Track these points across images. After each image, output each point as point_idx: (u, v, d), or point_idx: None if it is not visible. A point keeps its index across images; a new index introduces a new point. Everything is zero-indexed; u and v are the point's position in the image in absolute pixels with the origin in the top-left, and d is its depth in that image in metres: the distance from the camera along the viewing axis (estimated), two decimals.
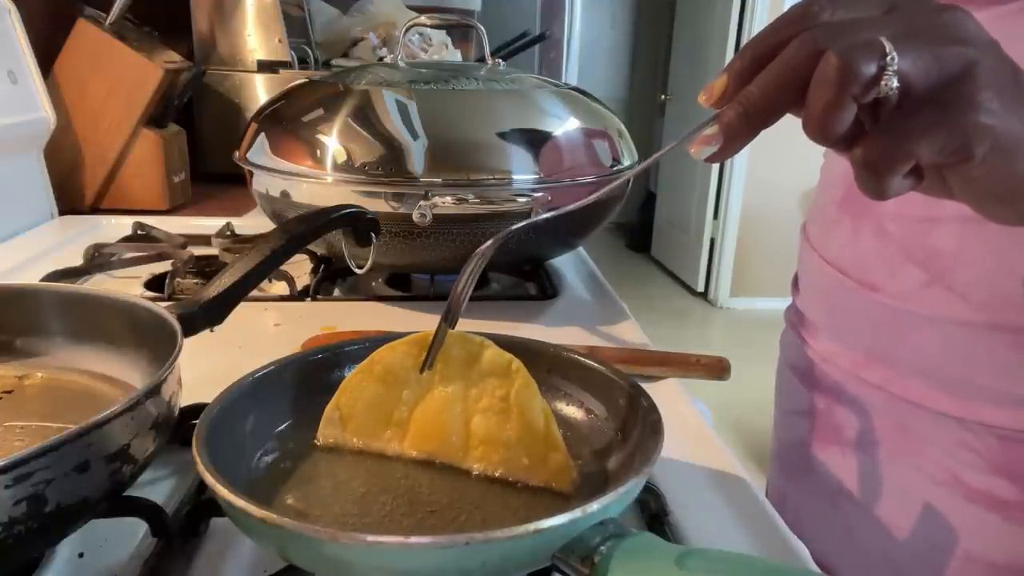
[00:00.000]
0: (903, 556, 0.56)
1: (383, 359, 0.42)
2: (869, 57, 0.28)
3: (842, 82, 0.28)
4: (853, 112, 0.29)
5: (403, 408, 0.43)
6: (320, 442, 0.43)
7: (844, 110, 0.29)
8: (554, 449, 0.40)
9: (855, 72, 0.28)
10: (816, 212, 0.64)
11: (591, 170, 0.73)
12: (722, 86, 0.33)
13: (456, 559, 0.30)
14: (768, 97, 0.31)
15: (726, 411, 2.44)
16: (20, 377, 0.49)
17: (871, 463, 0.57)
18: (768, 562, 0.33)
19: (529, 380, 0.40)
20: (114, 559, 0.39)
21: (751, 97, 0.31)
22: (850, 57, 0.28)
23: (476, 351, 0.42)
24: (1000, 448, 0.50)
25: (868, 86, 0.29)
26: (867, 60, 0.28)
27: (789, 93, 0.31)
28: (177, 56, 1.20)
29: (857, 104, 0.29)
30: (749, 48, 0.32)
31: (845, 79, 0.28)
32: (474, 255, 0.41)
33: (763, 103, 0.31)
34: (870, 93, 0.29)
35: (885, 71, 0.28)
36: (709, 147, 0.32)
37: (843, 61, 0.28)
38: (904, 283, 0.52)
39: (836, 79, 0.28)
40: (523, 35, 1.68)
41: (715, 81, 0.33)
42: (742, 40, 3.48)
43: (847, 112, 0.29)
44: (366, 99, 0.71)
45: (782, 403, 0.70)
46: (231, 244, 0.88)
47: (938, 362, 0.52)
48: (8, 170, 0.98)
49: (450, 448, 0.41)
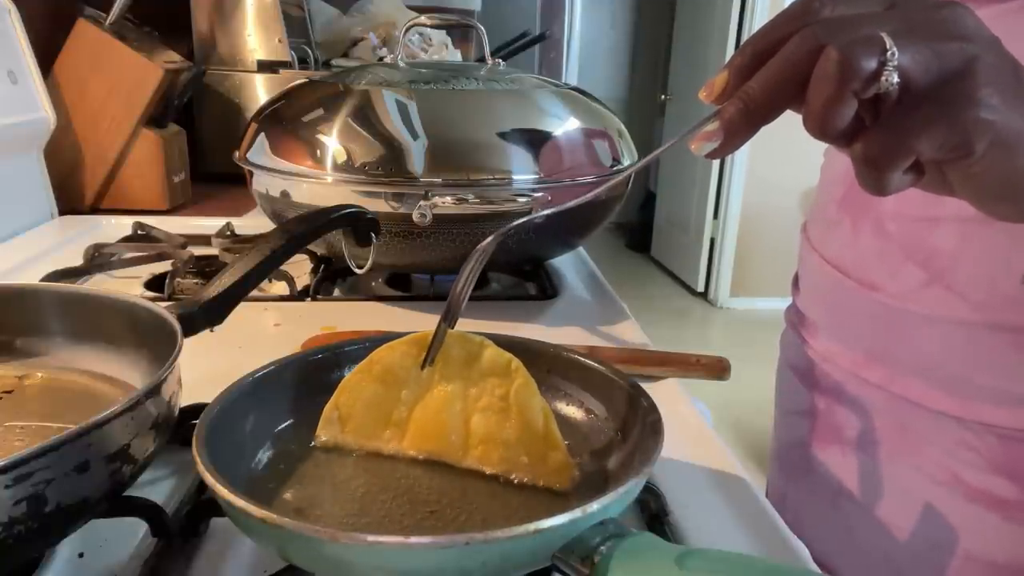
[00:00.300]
0: (903, 556, 0.56)
1: (382, 359, 0.42)
2: (869, 52, 0.28)
3: (842, 77, 0.28)
4: (854, 107, 0.29)
5: (402, 408, 0.43)
6: (319, 442, 0.43)
7: (844, 105, 0.29)
8: (554, 448, 0.40)
9: (855, 67, 0.28)
10: (816, 212, 0.64)
11: (591, 170, 0.73)
12: (723, 82, 0.33)
13: (456, 559, 0.30)
14: (768, 93, 0.31)
15: (726, 411, 2.44)
16: (20, 377, 0.49)
17: (871, 463, 0.57)
18: (768, 562, 0.33)
19: (528, 379, 0.40)
20: (114, 559, 0.39)
21: (751, 93, 0.31)
22: (851, 52, 0.28)
23: (476, 351, 0.42)
24: (1000, 447, 0.50)
25: (868, 81, 0.29)
26: (867, 55, 0.28)
27: (789, 89, 0.31)
28: (177, 56, 1.20)
29: (857, 100, 0.29)
30: (749, 44, 0.32)
31: (846, 74, 0.28)
32: (474, 252, 0.41)
33: (763, 99, 0.31)
34: (870, 88, 0.29)
35: (885, 66, 0.28)
36: (710, 143, 0.32)
37: (843, 56, 0.28)
38: (904, 283, 0.52)
39: (836, 74, 0.28)
40: (523, 35, 1.68)
41: (716, 77, 0.33)
42: (742, 40, 3.47)
43: (847, 107, 0.29)
44: (366, 99, 0.71)
45: (782, 403, 0.70)
46: (231, 244, 0.88)
47: (938, 361, 0.52)
48: (8, 170, 0.98)
49: (449, 447, 0.41)
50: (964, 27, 0.30)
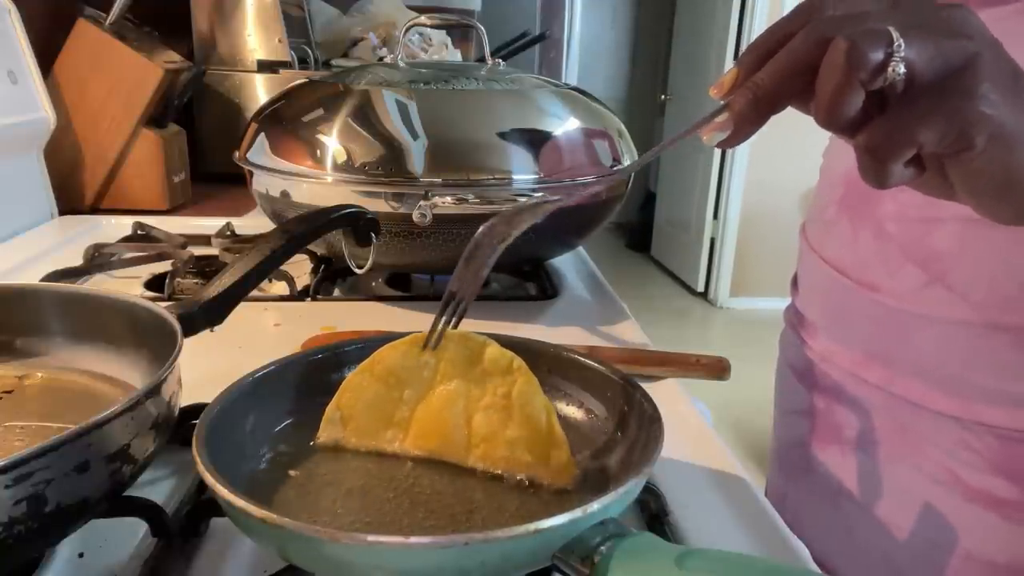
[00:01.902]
0: (903, 555, 0.56)
1: (384, 359, 0.42)
2: (877, 43, 0.29)
3: (851, 66, 0.29)
4: (861, 97, 0.30)
5: (404, 408, 0.43)
6: (320, 442, 0.43)
7: (852, 94, 0.30)
8: (557, 446, 0.40)
9: (863, 57, 0.29)
10: (815, 212, 0.64)
11: (591, 170, 0.73)
12: (732, 78, 0.34)
13: (456, 559, 0.30)
14: (777, 82, 0.32)
15: (726, 411, 2.44)
16: (20, 377, 0.49)
17: (871, 463, 0.57)
18: (768, 562, 0.33)
19: (531, 377, 0.41)
20: (114, 559, 0.39)
21: (760, 83, 0.32)
22: (859, 42, 0.29)
23: (478, 350, 0.42)
24: (999, 448, 0.50)
25: (876, 71, 0.29)
26: (875, 46, 0.29)
27: (797, 80, 0.32)
28: (177, 56, 1.20)
29: (864, 90, 0.30)
30: (757, 42, 0.34)
31: (854, 63, 0.29)
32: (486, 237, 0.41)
33: (772, 88, 0.32)
34: (877, 79, 0.30)
35: (892, 57, 0.29)
36: (720, 133, 0.33)
37: (852, 45, 0.29)
38: (903, 283, 0.52)
39: (845, 64, 0.29)
40: (523, 35, 1.68)
41: (725, 75, 0.34)
42: (742, 40, 3.47)
43: (855, 96, 0.30)
44: (366, 99, 0.71)
45: (782, 403, 0.70)
46: (231, 244, 0.88)
47: (937, 362, 0.52)
48: (8, 170, 0.98)
49: (452, 447, 0.42)
50: (968, 26, 0.31)
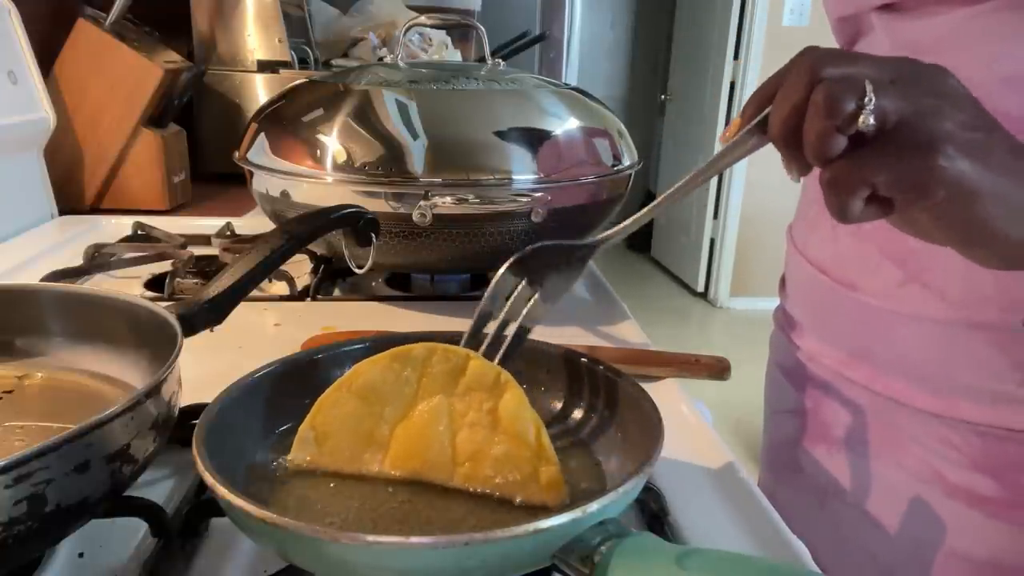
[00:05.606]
0: (889, 553, 0.56)
1: (362, 374, 0.40)
2: (850, 95, 0.32)
3: (828, 115, 0.32)
4: (843, 141, 0.33)
5: (384, 426, 0.40)
6: (292, 465, 0.40)
7: (832, 138, 0.33)
8: (547, 462, 0.38)
9: (836, 105, 0.32)
10: (799, 213, 0.65)
11: (591, 170, 0.73)
12: (736, 125, 0.38)
13: (456, 559, 0.30)
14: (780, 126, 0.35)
15: (726, 411, 2.44)
16: (20, 377, 0.49)
17: (857, 461, 0.58)
18: (768, 562, 0.33)
19: (518, 391, 0.39)
20: (114, 559, 0.39)
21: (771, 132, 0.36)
22: (834, 93, 0.32)
23: (461, 364, 0.40)
24: (981, 445, 0.50)
25: (848, 120, 0.32)
26: (848, 97, 0.32)
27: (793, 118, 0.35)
28: (177, 56, 1.20)
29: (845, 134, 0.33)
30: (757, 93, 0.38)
31: (828, 112, 0.32)
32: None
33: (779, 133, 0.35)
34: (851, 127, 0.33)
35: (863, 109, 0.32)
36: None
37: (827, 95, 0.32)
38: (882, 282, 0.53)
39: (823, 112, 0.33)
40: (523, 35, 1.68)
41: (731, 125, 0.39)
42: (742, 40, 3.47)
43: (835, 140, 0.33)
44: (366, 99, 0.71)
45: (772, 402, 0.70)
46: (231, 244, 0.88)
47: (918, 360, 0.52)
48: (8, 170, 0.98)
49: (435, 466, 0.39)
50: (943, 84, 0.34)
